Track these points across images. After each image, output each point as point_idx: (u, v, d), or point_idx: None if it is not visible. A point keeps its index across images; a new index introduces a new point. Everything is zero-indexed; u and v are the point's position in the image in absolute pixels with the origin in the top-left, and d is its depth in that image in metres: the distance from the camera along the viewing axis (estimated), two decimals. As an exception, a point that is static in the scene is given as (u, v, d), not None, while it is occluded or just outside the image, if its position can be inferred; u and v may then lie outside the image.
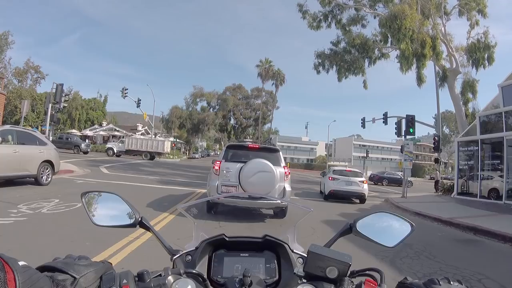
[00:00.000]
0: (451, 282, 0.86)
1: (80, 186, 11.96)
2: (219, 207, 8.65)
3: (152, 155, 41.16)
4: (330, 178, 14.68)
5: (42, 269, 0.77)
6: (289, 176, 8.53)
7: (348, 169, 16.46)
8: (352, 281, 0.96)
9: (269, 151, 8.90)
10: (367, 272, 1.01)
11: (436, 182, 26.57)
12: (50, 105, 18.40)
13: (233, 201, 7.91)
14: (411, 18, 17.93)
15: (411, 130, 18.43)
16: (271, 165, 7.57)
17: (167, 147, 43.97)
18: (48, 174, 11.74)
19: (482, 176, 16.16)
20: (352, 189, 14.43)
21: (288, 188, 8.29)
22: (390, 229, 1.25)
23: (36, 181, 11.17)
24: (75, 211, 7.39)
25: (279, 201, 8.29)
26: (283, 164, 8.51)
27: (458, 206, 14.27)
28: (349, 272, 0.98)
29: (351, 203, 14.34)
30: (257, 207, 8.85)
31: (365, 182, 14.68)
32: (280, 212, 8.65)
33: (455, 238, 8.46)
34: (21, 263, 0.67)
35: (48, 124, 17.63)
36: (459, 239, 8.40)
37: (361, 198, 14.64)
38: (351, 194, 14.58)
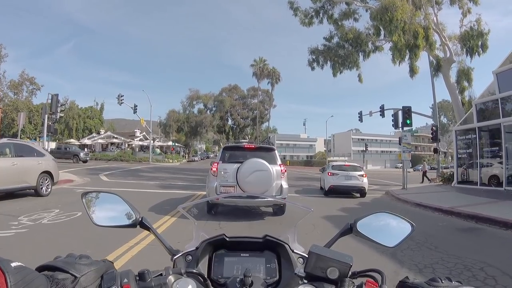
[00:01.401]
0: (452, 282, 0.86)
1: (80, 196, 11.93)
2: (219, 207, 8.81)
3: None
4: (329, 174, 14.65)
5: (42, 268, 0.77)
6: (286, 173, 8.69)
7: (347, 163, 16.42)
8: (353, 282, 0.96)
9: (265, 150, 9.13)
10: (368, 273, 1.01)
11: (424, 173, 26.58)
12: (47, 116, 18.38)
13: (232, 200, 8.06)
14: (402, 9, 17.92)
15: (408, 121, 18.42)
16: (267, 163, 7.71)
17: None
18: (47, 185, 11.73)
19: (481, 163, 16.20)
20: (352, 183, 14.40)
21: (285, 185, 8.46)
22: (390, 229, 1.24)
23: (36, 192, 11.17)
24: (76, 220, 7.39)
25: (277, 199, 8.48)
26: (279, 162, 8.67)
27: (458, 195, 14.28)
28: (350, 273, 0.97)
29: (352, 198, 14.33)
30: (256, 206, 9.03)
31: (364, 175, 14.65)
32: (278, 210, 8.78)
33: (456, 227, 8.46)
34: (14, 264, 0.66)
35: (45, 135, 17.57)
36: (461, 228, 8.40)
37: (361, 192, 14.60)
38: (351, 189, 14.54)
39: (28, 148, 11.67)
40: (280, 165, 8.54)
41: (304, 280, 1.01)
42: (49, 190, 11.75)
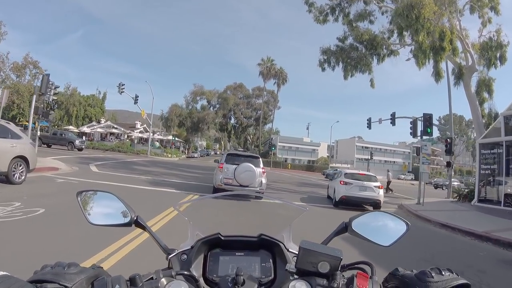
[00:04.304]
0: (443, 272, 0.85)
1: (57, 186, 10.56)
2: (221, 191, 10.74)
3: None
4: (341, 183, 13.06)
5: (32, 282, 0.74)
6: (265, 173, 12.84)
7: (361, 172, 14.77)
8: (343, 275, 0.96)
9: (253, 158, 13.39)
10: (358, 265, 1.02)
11: (388, 183, 25.17)
12: (35, 97, 16.85)
13: (231, 187, 11.88)
14: (429, 7, 16.41)
15: (428, 130, 16.72)
16: (253, 166, 12.09)
17: None
18: (21, 172, 10.30)
19: (506, 181, 14.64)
20: (367, 195, 12.82)
21: (264, 180, 12.58)
22: (385, 229, 1.21)
23: (7, 179, 9.79)
24: (31, 219, 5.90)
25: (258, 188, 12.10)
26: (261, 166, 12.80)
27: (483, 216, 12.74)
28: (340, 267, 0.97)
29: (364, 211, 12.77)
30: (245, 192, 12.98)
31: (380, 187, 13.11)
32: (258, 196, 11.83)
33: (501, 258, 6.94)
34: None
35: (31, 118, 16.03)
36: (508, 260, 6.89)
37: (376, 205, 12.96)
38: (365, 201, 12.96)
39: (2, 128, 10.19)
40: (262, 168, 12.67)
41: (295, 276, 1.01)
42: (22, 177, 10.32)
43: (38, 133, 21.13)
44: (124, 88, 37.31)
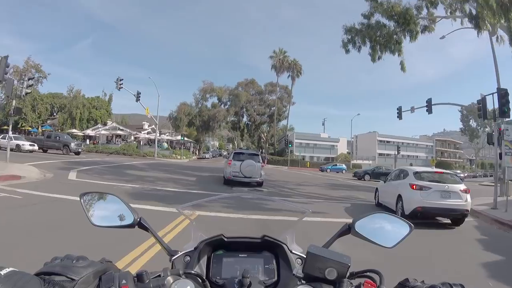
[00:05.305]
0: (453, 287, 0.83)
1: None
2: (230, 181, 15.75)
3: None
4: (414, 187, 8.90)
5: (40, 274, 0.74)
6: (264, 166, 17.12)
7: (437, 170, 10.42)
8: (351, 283, 0.94)
9: (254, 155, 17.19)
10: (366, 273, 0.99)
11: None
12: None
13: (237, 178, 15.53)
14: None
15: (505, 109, 12.34)
16: (255, 162, 15.80)
17: None
18: None
19: None
20: (452, 203, 8.65)
21: (263, 173, 16.38)
22: (388, 230, 1.18)
23: None
24: None
25: (258, 179, 15.95)
26: (260, 161, 16.73)
27: None
28: (348, 274, 0.95)
29: (439, 228, 8.67)
30: (248, 181, 15.70)
31: (468, 191, 8.97)
32: (259, 184, 16.24)
33: None
34: (4, 271, 0.65)
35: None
36: None
37: (462, 218, 8.91)
38: (450, 212, 8.84)
39: None
40: (261, 163, 16.61)
41: (302, 281, 0.99)
42: None
43: (10, 133, 17.65)
44: (122, 84, 33.89)
